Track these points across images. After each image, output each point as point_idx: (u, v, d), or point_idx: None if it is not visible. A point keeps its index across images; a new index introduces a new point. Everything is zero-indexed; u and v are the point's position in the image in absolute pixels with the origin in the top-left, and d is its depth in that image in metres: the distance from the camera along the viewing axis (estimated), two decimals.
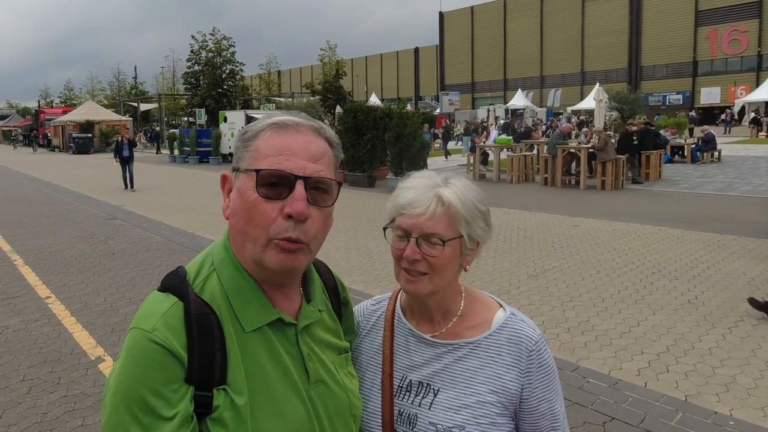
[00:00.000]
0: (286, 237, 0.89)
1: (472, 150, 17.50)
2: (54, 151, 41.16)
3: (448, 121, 32.29)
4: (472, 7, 64.91)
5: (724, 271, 6.49)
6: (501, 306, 1.18)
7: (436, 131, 30.48)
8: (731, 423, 3.34)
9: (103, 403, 0.88)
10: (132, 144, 16.73)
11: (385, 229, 1.12)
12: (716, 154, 19.71)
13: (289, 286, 0.99)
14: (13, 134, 55.32)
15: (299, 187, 0.90)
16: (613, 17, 52.26)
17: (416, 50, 74.73)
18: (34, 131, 47.10)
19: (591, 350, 4.40)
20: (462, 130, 27.66)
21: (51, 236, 9.38)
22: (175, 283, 0.92)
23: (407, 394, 1.12)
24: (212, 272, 0.95)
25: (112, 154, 17.01)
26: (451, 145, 26.13)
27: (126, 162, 15.85)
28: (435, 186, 1.09)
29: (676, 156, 20.14)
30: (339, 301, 1.14)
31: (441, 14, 68.28)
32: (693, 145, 19.78)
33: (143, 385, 0.83)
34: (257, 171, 0.90)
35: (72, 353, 4.52)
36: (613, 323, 4.95)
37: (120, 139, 17.01)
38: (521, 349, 1.10)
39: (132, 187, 15.66)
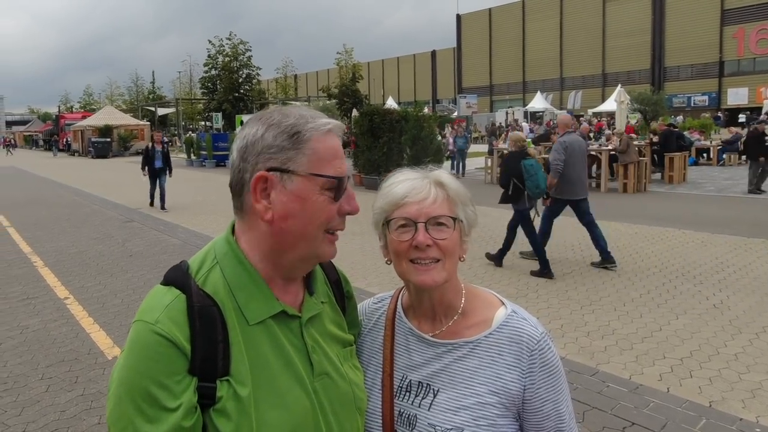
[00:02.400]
0: (339, 228, 0.97)
1: (490, 153, 17.37)
2: (74, 155, 41.99)
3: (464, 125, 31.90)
4: (490, 9, 64.62)
5: (752, 275, 6.31)
6: (503, 303, 1.14)
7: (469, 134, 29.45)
8: (757, 430, 3.23)
9: (108, 395, 0.88)
10: (166, 153, 12.69)
11: (387, 223, 1.09)
12: (743, 156, 19.26)
13: (294, 279, 1.00)
14: (6, 140, 55.96)
15: (350, 186, 0.97)
16: (636, 17, 51.48)
17: (433, 53, 74.65)
18: (54, 136, 48.06)
19: (611, 354, 4.30)
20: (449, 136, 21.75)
21: (70, 238, 9.54)
22: (177, 277, 0.92)
23: (407, 394, 1.10)
24: (215, 266, 0.95)
25: (140, 164, 13.21)
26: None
27: (158, 175, 12.46)
28: (427, 174, 1.10)
29: (702, 158, 19.75)
30: (342, 294, 1.14)
31: (458, 17, 68.11)
32: (719, 147, 19.35)
33: (147, 376, 0.84)
34: (338, 179, 0.94)
35: (89, 353, 4.58)
36: (634, 327, 4.83)
37: (150, 145, 12.91)
38: (522, 349, 1.07)
39: (163, 205, 12.38)
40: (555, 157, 6.88)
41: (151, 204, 12.76)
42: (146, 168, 12.66)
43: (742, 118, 36.58)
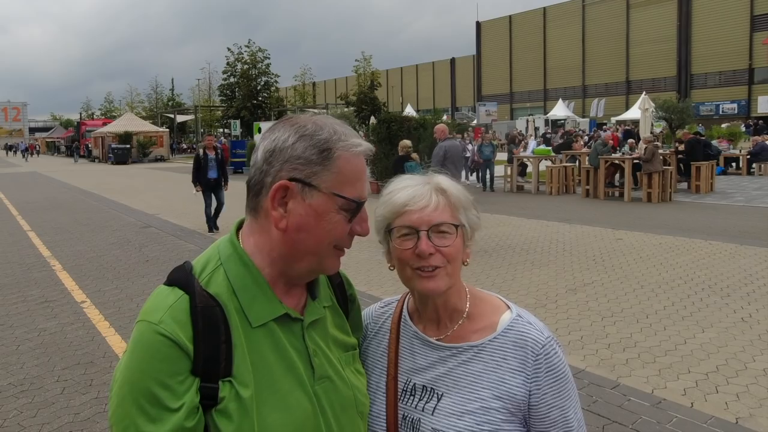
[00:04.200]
0: (347, 247, 0.97)
1: (510, 161, 17.17)
2: (94, 161, 42.90)
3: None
4: (510, 16, 64.39)
5: None
6: (508, 307, 1.13)
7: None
8: None
9: (110, 395, 0.89)
10: (221, 161, 10.18)
11: (389, 230, 1.08)
12: None
13: (297, 284, 1.00)
14: (30, 146, 57.86)
15: (365, 210, 0.96)
16: (661, 24, 50.69)
17: (452, 60, 74.57)
18: (75, 142, 49.09)
19: (633, 367, 4.17)
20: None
21: (88, 243, 9.67)
22: (181, 277, 0.92)
23: (411, 398, 1.10)
24: (219, 267, 0.95)
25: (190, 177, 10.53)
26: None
27: (214, 190, 9.99)
28: (428, 180, 1.10)
29: (730, 167, 19.31)
30: (345, 297, 1.13)
31: (478, 24, 68.00)
32: (748, 156, 18.89)
33: (150, 376, 0.84)
34: (357, 202, 0.94)
35: (104, 356, 4.61)
36: (657, 340, 4.68)
37: (201, 152, 10.13)
38: (527, 353, 1.05)
39: (215, 224, 10.12)
40: (436, 158, 8.44)
41: (210, 229, 10.07)
42: (198, 182, 10.00)
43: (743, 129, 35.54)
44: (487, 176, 16.58)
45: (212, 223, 10.08)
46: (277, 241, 0.94)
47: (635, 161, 13.70)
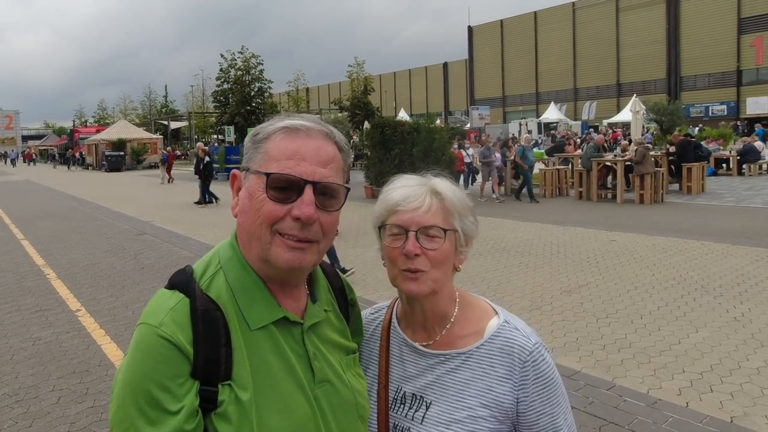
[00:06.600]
0: (292, 234, 0.91)
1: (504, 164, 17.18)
2: (88, 168, 42.65)
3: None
4: (501, 20, 64.77)
5: None
6: (496, 312, 1.12)
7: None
8: None
9: (111, 397, 0.89)
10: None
11: (380, 228, 1.09)
12: (764, 165, 18.99)
13: (295, 286, 1.00)
14: (26, 153, 58.22)
15: (308, 192, 0.92)
16: (650, 27, 51.17)
17: (445, 65, 74.91)
18: (69, 150, 48.86)
19: (628, 368, 4.19)
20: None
21: (83, 251, 9.61)
22: (182, 281, 0.93)
23: (401, 406, 1.09)
24: (219, 270, 0.96)
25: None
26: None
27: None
28: (426, 182, 1.09)
29: (721, 168, 19.49)
30: (346, 302, 1.13)
31: (470, 28, 68.33)
32: (738, 157, 19.07)
33: (150, 379, 0.84)
34: (267, 174, 0.92)
35: (100, 364, 4.58)
36: (651, 340, 4.71)
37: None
38: (514, 360, 1.03)
39: None
40: None
41: None
42: None
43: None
44: (528, 186, 14.52)
45: None
46: (239, 230, 0.98)
47: (627, 163, 13.80)
